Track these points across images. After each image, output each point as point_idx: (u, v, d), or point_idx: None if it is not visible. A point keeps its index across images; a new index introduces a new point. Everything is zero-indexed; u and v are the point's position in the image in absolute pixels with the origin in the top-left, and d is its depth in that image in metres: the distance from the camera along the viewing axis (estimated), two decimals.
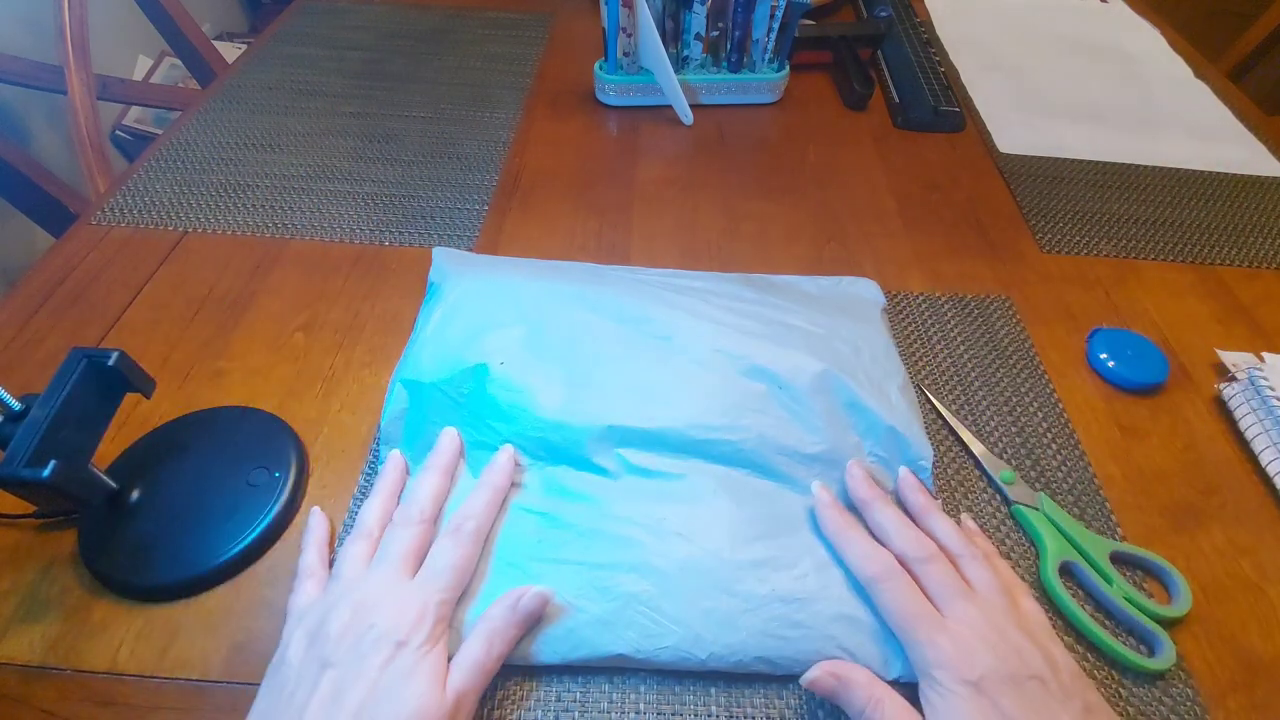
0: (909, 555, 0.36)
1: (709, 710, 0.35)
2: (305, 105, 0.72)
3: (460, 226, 0.59)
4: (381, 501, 0.39)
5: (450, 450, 0.41)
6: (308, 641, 0.32)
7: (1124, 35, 0.91)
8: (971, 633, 0.32)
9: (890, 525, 0.37)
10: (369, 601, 0.32)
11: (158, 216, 0.59)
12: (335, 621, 0.32)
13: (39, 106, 1.25)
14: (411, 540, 0.35)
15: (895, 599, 0.34)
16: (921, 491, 0.40)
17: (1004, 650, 0.32)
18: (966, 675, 0.31)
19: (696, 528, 0.38)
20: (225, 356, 0.49)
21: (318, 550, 0.38)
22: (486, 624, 0.34)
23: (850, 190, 0.66)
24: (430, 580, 0.34)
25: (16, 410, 0.35)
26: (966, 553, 0.36)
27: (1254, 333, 0.54)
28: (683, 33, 0.70)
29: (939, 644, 0.32)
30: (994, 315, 0.54)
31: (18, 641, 0.36)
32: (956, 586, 0.34)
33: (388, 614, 0.32)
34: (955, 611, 0.33)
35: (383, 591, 0.33)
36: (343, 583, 0.34)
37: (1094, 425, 0.48)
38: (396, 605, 0.32)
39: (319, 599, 0.34)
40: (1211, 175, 0.69)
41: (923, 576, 0.35)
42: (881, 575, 0.35)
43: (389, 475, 0.40)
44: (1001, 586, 0.35)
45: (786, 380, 0.42)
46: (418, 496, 0.38)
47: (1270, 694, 0.36)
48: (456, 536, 0.36)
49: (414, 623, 0.32)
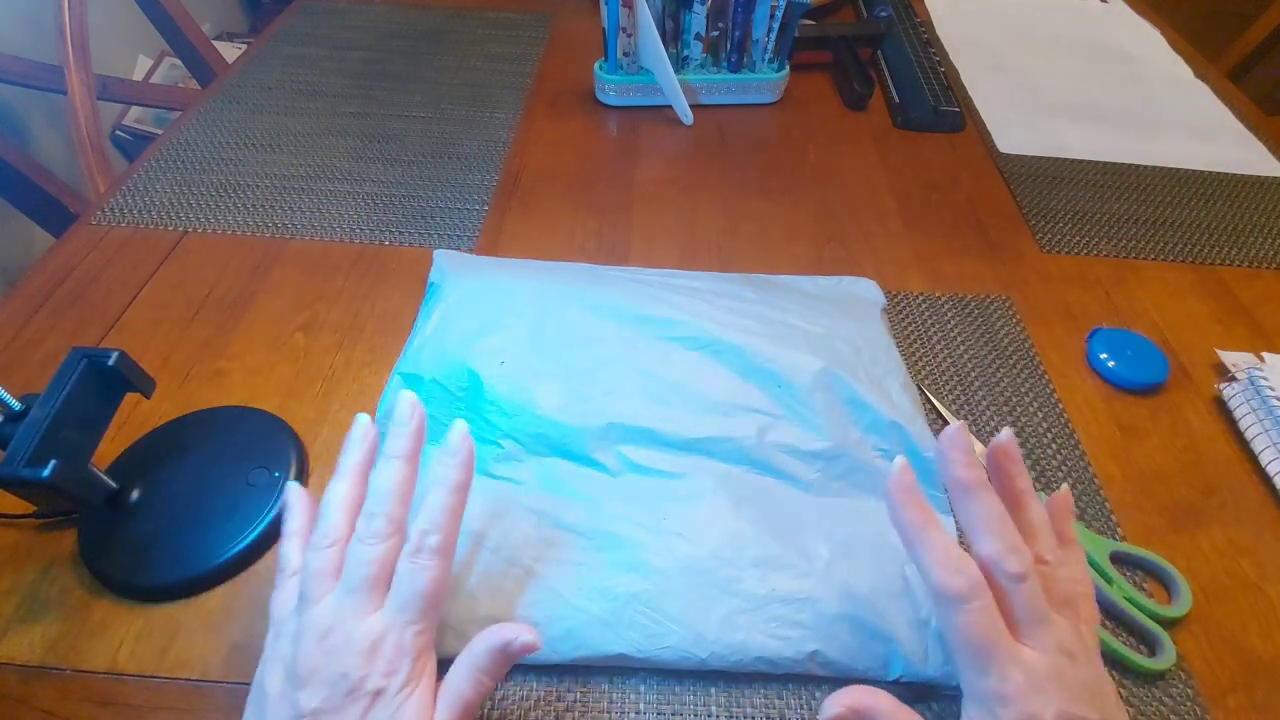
0: (1002, 569, 0.29)
1: (709, 710, 0.35)
2: (305, 105, 0.72)
3: (460, 226, 0.59)
4: (346, 486, 0.33)
5: (412, 428, 0.33)
6: (283, 675, 0.30)
7: (1124, 35, 0.91)
8: (1047, 667, 0.29)
9: (989, 524, 0.30)
10: (338, 643, 0.29)
11: (158, 216, 0.59)
12: (304, 658, 0.29)
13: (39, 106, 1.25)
14: (377, 559, 0.31)
15: (976, 625, 0.29)
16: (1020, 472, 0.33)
17: (1076, 689, 0.29)
18: (1033, 715, 0.28)
19: (697, 527, 0.38)
20: (225, 356, 0.49)
21: (298, 541, 0.33)
22: (471, 660, 0.31)
23: (850, 190, 0.66)
24: (399, 613, 0.30)
25: (16, 410, 0.35)
26: (1056, 558, 0.31)
27: (1254, 333, 0.54)
28: (683, 33, 0.70)
29: (1010, 678, 0.28)
30: (994, 315, 0.54)
31: (18, 641, 0.36)
32: (1042, 610, 0.30)
33: (356, 659, 0.29)
34: (1034, 639, 0.29)
35: (351, 628, 0.29)
36: (310, 608, 0.30)
37: (1094, 425, 0.48)
38: (365, 649, 0.29)
39: (291, 615, 0.31)
40: (1211, 175, 0.69)
41: (1012, 595, 0.29)
42: (968, 594, 0.29)
43: (355, 451, 0.34)
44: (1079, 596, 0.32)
45: (787, 379, 0.42)
46: (381, 496, 0.32)
47: (1270, 694, 0.36)
48: (418, 559, 0.31)
49: (389, 666, 0.29)
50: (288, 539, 0.34)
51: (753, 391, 0.42)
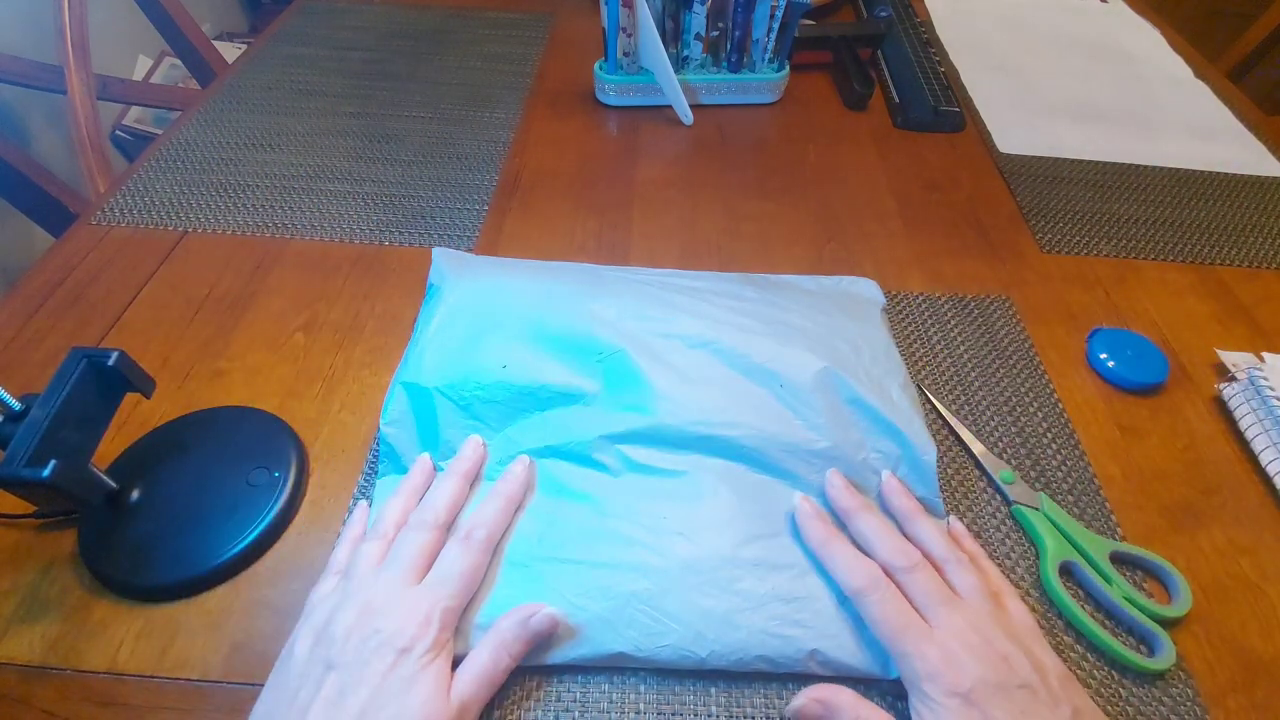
0: (893, 565, 0.35)
1: (709, 710, 0.35)
2: (305, 105, 0.72)
3: (460, 226, 0.59)
4: (402, 502, 0.38)
5: (473, 458, 0.40)
6: (314, 640, 0.32)
7: (1124, 35, 0.91)
8: (958, 642, 0.32)
9: (873, 534, 0.37)
10: (375, 605, 0.32)
11: (158, 216, 0.59)
12: (340, 622, 0.32)
13: (39, 106, 1.25)
14: (422, 544, 0.35)
15: (881, 611, 0.33)
16: (905, 496, 0.40)
17: (992, 658, 0.32)
18: (955, 687, 0.31)
19: (697, 526, 0.38)
20: (225, 356, 0.49)
21: (350, 547, 0.37)
22: (496, 635, 0.33)
23: (850, 190, 0.66)
24: (437, 586, 0.34)
25: (16, 410, 0.35)
26: (952, 558, 0.36)
27: (1254, 333, 0.54)
28: (683, 33, 0.70)
29: (927, 655, 0.32)
30: (994, 315, 0.54)
31: (18, 641, 0.36)
32: (942, 594, 0.34)
33: (393, 619, 0.32)
34: (941, 620, 0.33)
35: (389, 595, 0.33)
36: (353, 583, 0.34)
37: (1094, 425, 0.48)
38: (402, 610, 0.32)
39: (330, 596, 0.34)
40: (1211, 175, 0.69)
41: (907, 586, 0.34)
42: (867, 587, 0.34)
43: (414, 477, 0.40)
44: (988, 591, 0.35)
45: (787, 378, 0.42)
46: (433, 502, 0.37)
47: (1270, 694, 0.36)
48: (466, 544, 0.35)
49: (418, 629, 0.32)
50: (342, 544, 0.38)
51: (754, 390, 0.42)
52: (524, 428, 0.42)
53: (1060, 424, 0.47)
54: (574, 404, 0.42)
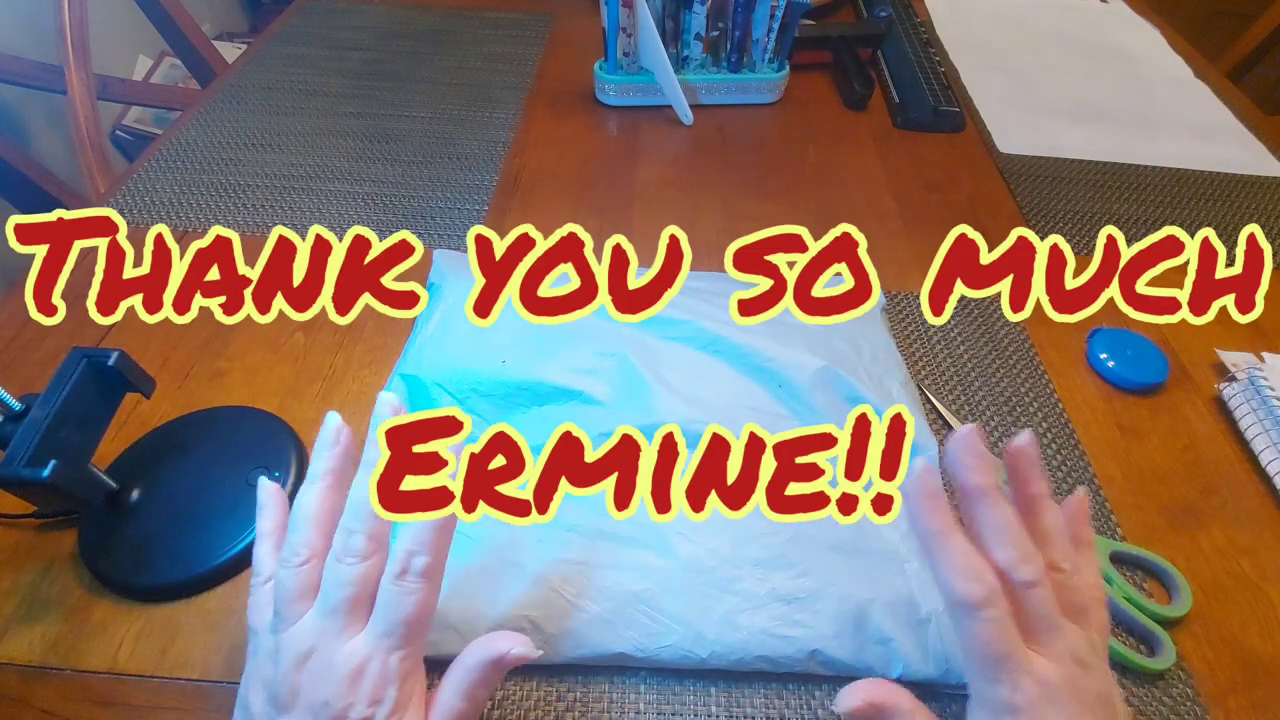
0: (1016, 576, 0.29)
1: (709, 710, 0.35)
2: (305, 105, 0.72)
3: (460, 226, 0.59)
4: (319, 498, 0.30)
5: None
6: (265, 696, 0.28)
7: (1124, 35, 0.91)
8: (1060, 677, 0.28)
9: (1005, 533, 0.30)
10: (318, 668, 0.28)
11: (158, 216, 0.59)
12: (285, 683, 0.28)
13: (39, 106, 1.25)
14: (357, 580, 0.29)
15: (991, 634, 0.28)
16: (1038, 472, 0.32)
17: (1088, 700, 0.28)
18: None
19: (697, 526, 0.38)
20: (225, 356, 0.49)
21: (271, 543, 0.32)
22: (466, 676, 0.30)
23: (850, 190, 0.66)
24: (383, 638, 0.28)
25: (16, 410, 0.35)
26: (1069, 565, 0.31)
27: (1254, 333, 0.54)
28: (683, 33, 0.70)
29: (1022, 687, 0.28)
30: (994, 315, 0.54)
31: (18, 641, 0.36)
32: (1053, 617, 0.29)
33: (338, 686, 0.27)
34: (1046, 646, 0.29)
35: (331, 652, 0.28)
36: (286, 631, 0.29)
37: (1094, 425, 0.48)
38: (346, 675, 0.28)
39: (268, 632, 0.29)
40: (1211, 175, 0.69)
41: (1024, 601, 0.29)
42: (984, 601, 0.28)
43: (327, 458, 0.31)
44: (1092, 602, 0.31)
45: (787, 378, 0.42)
46: (361, 510, 0.29)
47: (1270, 694, 0.36)
48: (404, 582, 0.29)
49: (373, 695, 0.28)
50: (260, 540, 0.32)
51: (754, 390, 0.42)
52: (521, 424, 0.42)
53: (1060, 424, 0.47)
54: (573, 400, 0.42)
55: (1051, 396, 0.49)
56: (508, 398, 0.42)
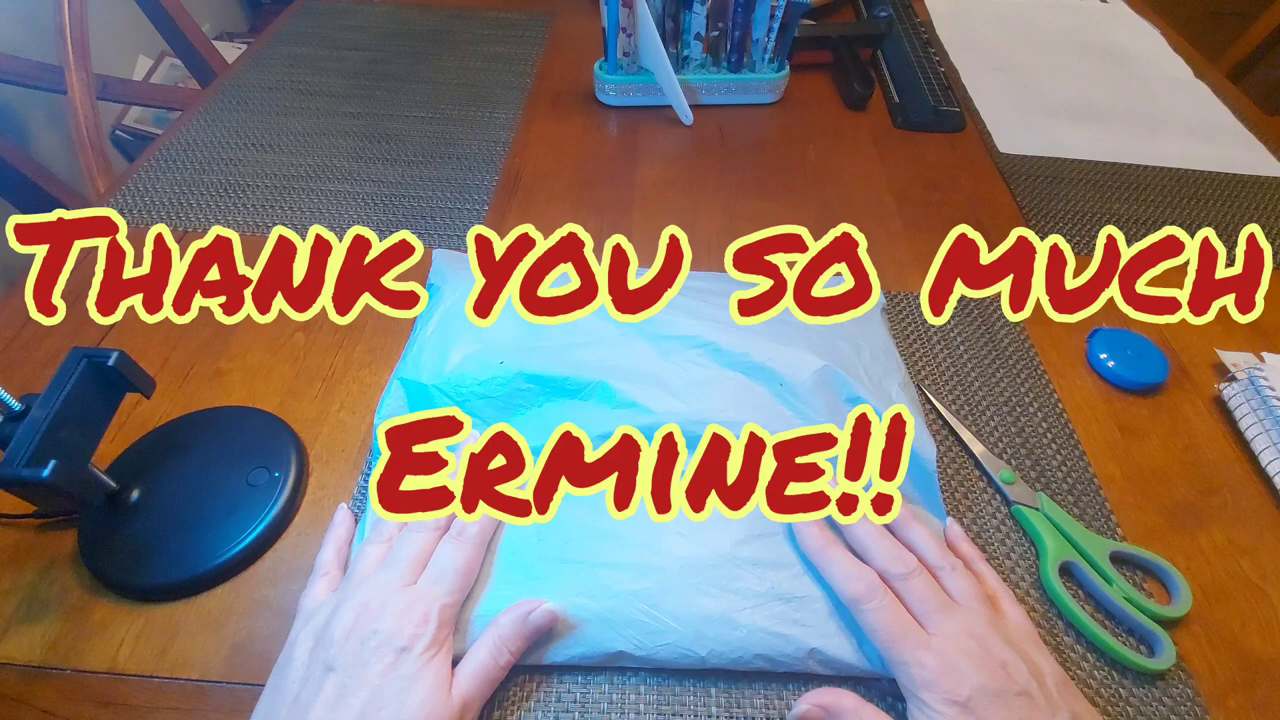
0: (890, 572, 0.35)
1: (709, 710, 0.35)
2: (305, 105, 0.72)
3: (460, 226, 0.59)
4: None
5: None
6: (313, 642, 0.32)
7: (1124, 35, 0.91)
8: (956, 649, 0.32)
9: (869, 541, 0.36)
10: (373, 605, 0.32)
11: (158, 216, 0.59)
12: (339, 624, 0.32)
13: (39, 106, 1.25)
14: (420, 545, 0.35)
15: (878, 619, 0.33)
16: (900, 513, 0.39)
17: (990, 665, 0.31)
18: (953, 695, 0.30)
19: (696, 525, 0.38)
20: (225, 356, 0.49)
21: (336, 549, 0.38)
22: (496, 631, 0.33)
23: (850, 190, 0.66)
24: (433, 584, 0.34)
25: (16, 410, 0.35)
26: (946, 563, 0.36)
27: (1254, 333, 0.54)
28: (683, 33, 0.70)
29: (924, 663, 0.32)
30: (994, 315, 0.54)
31: (18, 641, 0.36)
32: (938, 600, 0.34)
33: (391, 619, 0.32)
34: (938, 627, 0.33)
35: (387, 595, 0.33)
36: (351, 584, 0.34)
37: (1094, 425, 0.48)
38: (399, 610, 0.32)
39: (328, 599, 0.34)
40: (1211, 175, 0.69)
41: (904, 593, 0.34)
42: (865, 595, 0.34)
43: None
44: (983, 595, 0.35)
45: (786, 377, 0.42)
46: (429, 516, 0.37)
47: (1270, 694, 0.36)
48: (459, 540, 0.36)
49: (416, 628, 0.32)
50: (327, 546, 0.38)
51: (754, 390, 0.42)
52: (521, 424, 0.42)
53: (1060, 424, 0.47)
54: (573, 399, 0.42)
55: (1051, 396, 0.49)
56: (508, 398, 0.42)
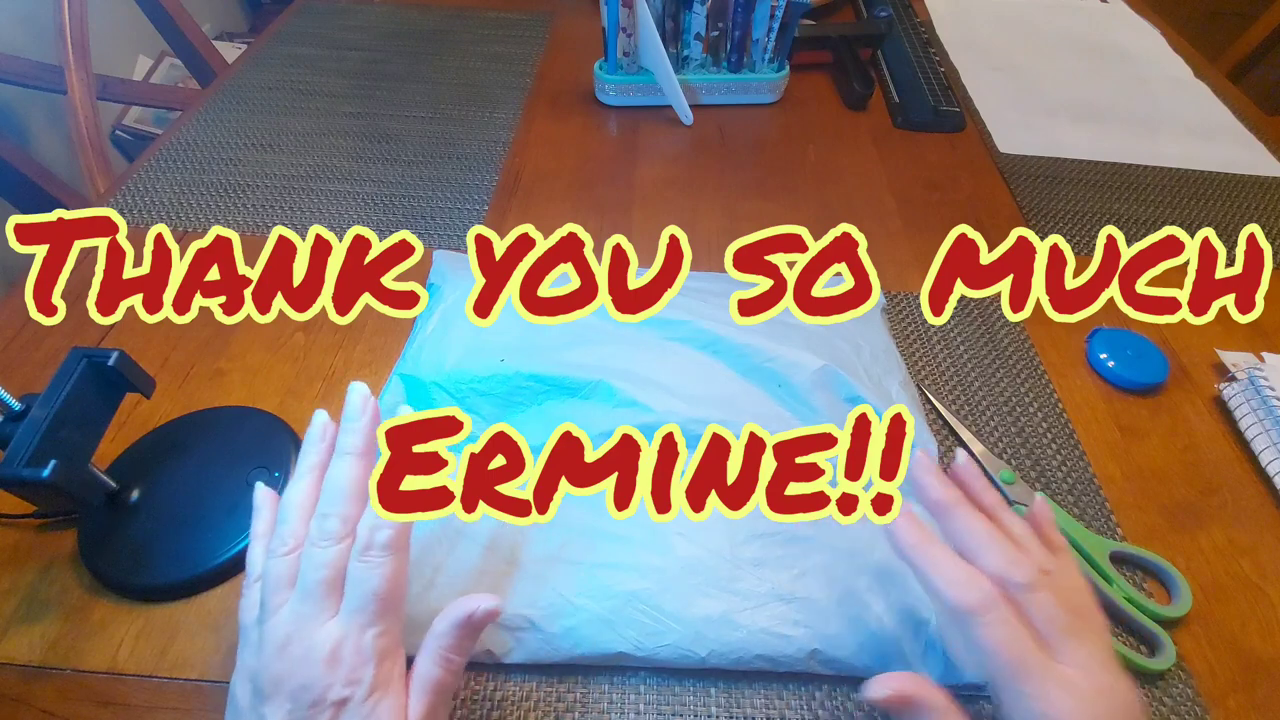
0: (1010, 580, 0.29)
1: (709, 710, 0.35)
2: (305, 105, 0.72)
3: (460, 226, 0.59)
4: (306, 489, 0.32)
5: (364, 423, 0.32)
6: (250, 688, 0.29)
7: (1124, 35, 0.91)
8: (1093, 687, 0.27)
9: (983, 539, 0.30)
10: (297, 653, 0.28)
11: (158, 216, 0.59)
12: (267, 672, 0.28)
13: (39, 106, 1.25)
14: (330, 562, 0.29)
15: (1000, 639, 0.28)
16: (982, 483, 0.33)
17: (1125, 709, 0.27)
18: None
19: (696, 526, 0.38)
20: (225, 356, 0.49)
21: (263, 545, 0.32)
22: (438, 643, 0.30)
23: (850, 190, 0.66)
24: (355, 615, 0.29)
25: (16, 410, 0.35)
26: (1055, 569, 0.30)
27: (1254, 333, 0.54)
28: (683, 33, 0.70)
29: (1053, 698, 0.27)
30: (994, 315, 0.54)
31: (18, 641, 0.36)
32: (1065, 621, 0.28)
33: (318, 669, 0.28)
34: (1068, 655, 0.28)
35: (309, 637, 0.28)
36: (269, 620, 0.29)
37: (1094, 425, 0.48)
38: (326, 655, 0.28)
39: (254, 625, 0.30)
40: (1211, 175, 0.69)
41: (1028, 607, 0.28)
42: (981, 606, 0.28)
43: (315, 453, 0.33)
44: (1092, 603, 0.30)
45: (786, 377, 0.42)
46: (333, 495, 0.31)
47: (1270, 694, 0.36)
48: (369, 557, 0.29)
49: (350, 674, 0.28)
50: (253, 543, 0.33)
51: (753, 390, 0.42)
52: (521, 422, 0.42)
53: (1060, 424, 0.47)
54: (572, 397, 0.42)
55: (1051, 396, 0.49)
56: (507, 397, 0.42)
